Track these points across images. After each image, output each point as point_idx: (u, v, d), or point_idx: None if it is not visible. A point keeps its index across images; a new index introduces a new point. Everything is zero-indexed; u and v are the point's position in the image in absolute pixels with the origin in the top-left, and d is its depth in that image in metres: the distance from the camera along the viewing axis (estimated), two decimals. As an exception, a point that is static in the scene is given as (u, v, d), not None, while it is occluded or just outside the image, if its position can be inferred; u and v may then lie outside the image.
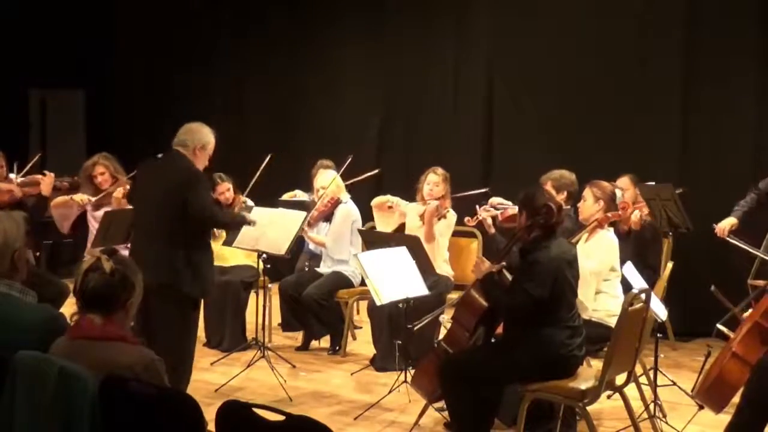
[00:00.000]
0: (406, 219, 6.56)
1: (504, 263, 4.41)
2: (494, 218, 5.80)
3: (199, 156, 4.89)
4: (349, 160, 6.77)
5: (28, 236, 3.21)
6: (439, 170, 6.43)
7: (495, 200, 6.12)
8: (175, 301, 4.74)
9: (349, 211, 6.67)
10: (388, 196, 6.68)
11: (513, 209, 5.56)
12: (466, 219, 6.02)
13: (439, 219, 6.29)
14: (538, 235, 4.28)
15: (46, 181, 6.20)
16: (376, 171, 7.10)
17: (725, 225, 6.07)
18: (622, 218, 6.38)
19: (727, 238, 5.94)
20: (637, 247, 6.44)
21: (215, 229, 6.07)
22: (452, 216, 6.40)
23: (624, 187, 6.81)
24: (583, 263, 4.82)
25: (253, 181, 6.67)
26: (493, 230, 5.57)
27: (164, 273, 4.65)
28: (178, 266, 4.70)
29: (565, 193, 5.72)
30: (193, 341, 4.96)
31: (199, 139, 4.88)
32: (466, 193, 6.41)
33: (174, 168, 4.82)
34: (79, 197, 6.44)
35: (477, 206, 5.92)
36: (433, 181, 6.38)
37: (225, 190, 6.82)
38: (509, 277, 4.40)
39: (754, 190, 6.19)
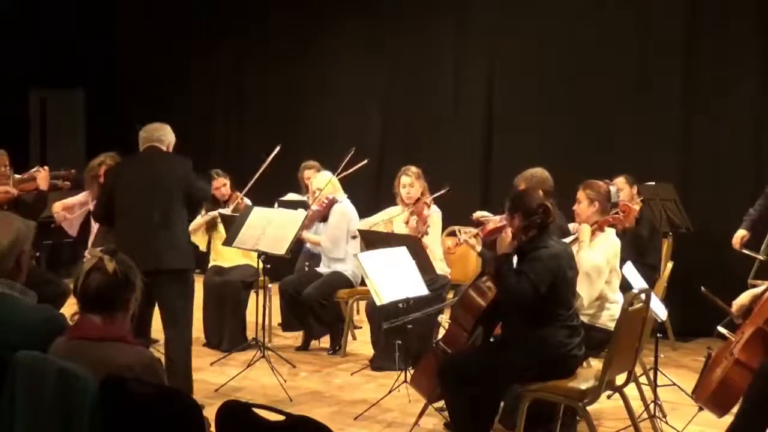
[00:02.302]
0: (393, 227, 6.49)
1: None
2: (476, 235, 5.75)
3: (169, 151, 5.24)
4: (351, 152, 6.77)
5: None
6: (412, 169, 6.36)
7: (478, 214, 6.04)
8: (184, 281, 5.03)
9: (344, 210, 6.67)
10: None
11: (493, 222, 5.50)
12: (447, 247, 6.01)
13: (422, 236, 6.23)
14: (535, 235, 4.29)
15: (42, 175, 6.18)
16: (364, 162, 7.06)
17: (737, 239, 6.16)
18: (624, 221, 6.36)
19: (743, 251, 5.98)
20: (635, 245, 6.44)
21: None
22: (437, 215, 6.36)
23: (619, 187, 6.81)
24: (587, 256, 4.81)
25: (261, 169, 6.66)
26: (479, 248, 5.48)
27: (178, 258, 4.98)
28: (185, 249, 5.08)
29: (540, 191, 5.71)
30: (191, 318, 5.25)
31: (170, 138, 5.25)
32: (432, 196, 6.37)
33: (166, 160, 5.14)
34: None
35: (456, 231, 5.83)
36: (408, 183, 6.33)
37: (221, 185, 6.91)
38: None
39: (748, 215, 6.25)
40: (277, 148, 6.60)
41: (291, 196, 7.37)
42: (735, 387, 4.20)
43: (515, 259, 4.38)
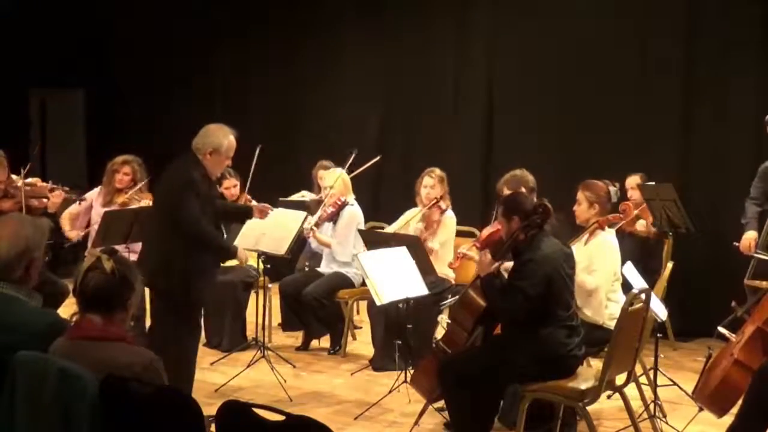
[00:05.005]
0: (409, 228, 6.48)
1: (500, 263, 4.43)
2: (473, 246, 5.74)
3: (211, 160, 4.80)
4: (354, 154, 6.75)
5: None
6: (436, 172, 6.37)
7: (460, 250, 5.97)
8: (166, 300, 4.77)
9: (354, 214, 6.66)
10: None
11: (486, 230, 5.51)
12: (448, 263, 6.01)
13: (425, 240, 6.23)
14: (533, 234, 4.30)
15: (54, 201, 6.12)
16: (377, 158, 7.07)
17: (750, 241, 6.01)
18: (624, 220, 6.36)
19: (755, 254, 5.91)
20: (640, 253, 6.45)
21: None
22: (451, 220, 6.36)
23: (634, 187, 6.79)
24: (584, 278, 4.80)
25: (250, 177, 6.66)
26: (477, 257, 5.48)
27: (153, 272, 4.62)
28: (161, 266, 4.68)
29: (522, 189, 5.71)
30: (189, 344, 4.96)
31: (210, 143, 4.79)
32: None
33: (174, 172, 4.85)
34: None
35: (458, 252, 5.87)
36: (429, 185, 6.33)
37: (231, 185, 6.87)
38: (506, 276, 4.41)
39: (752, 200, 6.19)
40: (258, 149, 6.58)
41: (305, 195, 7.36)
42: (734, 387, 4.20)
43: (511, 257, 4.41)
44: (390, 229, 6.63)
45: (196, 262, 4.75)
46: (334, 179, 6.62)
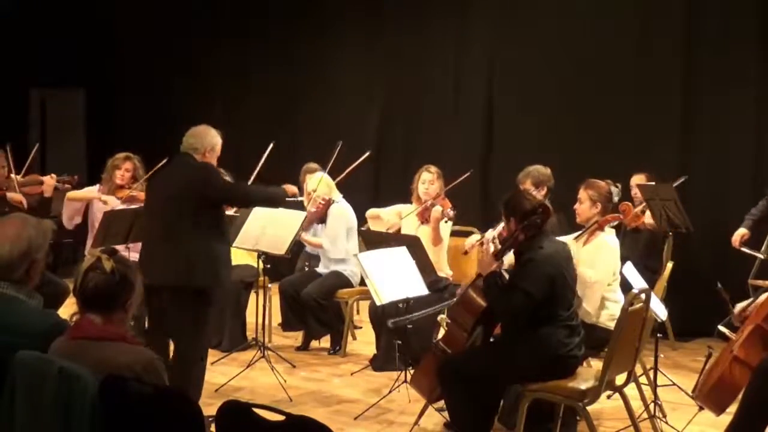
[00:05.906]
0: (402, 222, 6.51)
1: (502, 262, 4.43)
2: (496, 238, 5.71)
3: (208, 158, 4.97)
4: (338, 147, 6.66)
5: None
6: (432, 168, 6.38)
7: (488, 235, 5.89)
8: (190, 300, 4.76)
9: (342, 210, 6.65)
10: (376, 211, 6.66)
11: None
12: (471, 245, 5.89)
13: (446, 221, 6.25)
14: (534, 234, 4.30)
15: (49, 183, 6.40)
16: (366, 154, 7.02)
17: (737, 237, 6.20)
18: (623, 221, 6.36)
19: (742, 249, 5.99)
20: (646, 249, 6.45)
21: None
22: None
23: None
24: (584, 271, 4.80)
25: (257, 171, 6.62)
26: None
27: (181, 273, 4.71)
28: (195, 262, 4.72)
29: (545, 188, 5.71)
30: (205, 342, 5.00)
31: (209, 142, 4.96)
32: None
33: (186, 167, 4.88)
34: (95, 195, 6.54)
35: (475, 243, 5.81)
36: (428, 180, 6.35)
37: None
38: (507, 277, 4.41)
39: (766, 198, 6.25)
40: (270, 146, 6.55)
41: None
42: (733, 384, 4.20)
43: (512, 258, 4.40)
44: (381, 210, 6.62)
45: (219, 257, 4.84)
46: (316, 183, 6.58)
